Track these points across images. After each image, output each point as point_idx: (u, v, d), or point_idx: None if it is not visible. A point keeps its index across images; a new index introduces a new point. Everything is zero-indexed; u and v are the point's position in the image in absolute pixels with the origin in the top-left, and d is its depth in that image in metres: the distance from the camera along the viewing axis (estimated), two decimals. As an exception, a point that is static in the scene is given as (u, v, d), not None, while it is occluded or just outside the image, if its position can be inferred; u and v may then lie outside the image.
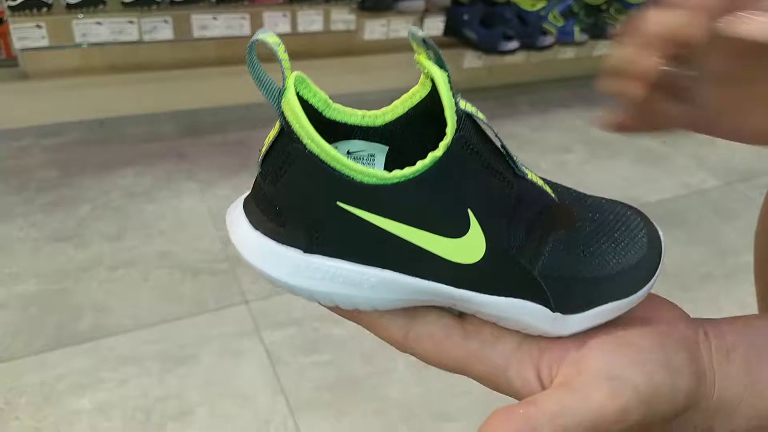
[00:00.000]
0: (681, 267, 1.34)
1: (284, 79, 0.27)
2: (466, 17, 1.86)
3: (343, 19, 1.69)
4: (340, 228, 0.26)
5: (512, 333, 0.29)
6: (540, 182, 0.29)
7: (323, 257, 0.26)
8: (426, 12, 1.77)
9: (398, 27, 1.77)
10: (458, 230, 0.26)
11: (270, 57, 0.29)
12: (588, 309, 0.29)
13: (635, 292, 0.30)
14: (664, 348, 0.28)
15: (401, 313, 0.29)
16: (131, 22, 1.48)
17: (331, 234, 0.26)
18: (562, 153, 1.77)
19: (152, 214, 1.38)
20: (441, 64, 0.27)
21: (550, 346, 0.29)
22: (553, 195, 0.29)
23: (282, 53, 0.26)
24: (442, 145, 0.25)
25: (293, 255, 0.26)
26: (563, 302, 0.29)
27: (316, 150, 0.25)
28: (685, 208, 1.57)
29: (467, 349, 0.29)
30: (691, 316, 0.31)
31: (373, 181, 0.25)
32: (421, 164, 0.25)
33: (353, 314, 0.29)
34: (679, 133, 0.33)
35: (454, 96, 0.26)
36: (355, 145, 0.29)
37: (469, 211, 0.26)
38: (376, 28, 1.75)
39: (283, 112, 0.26)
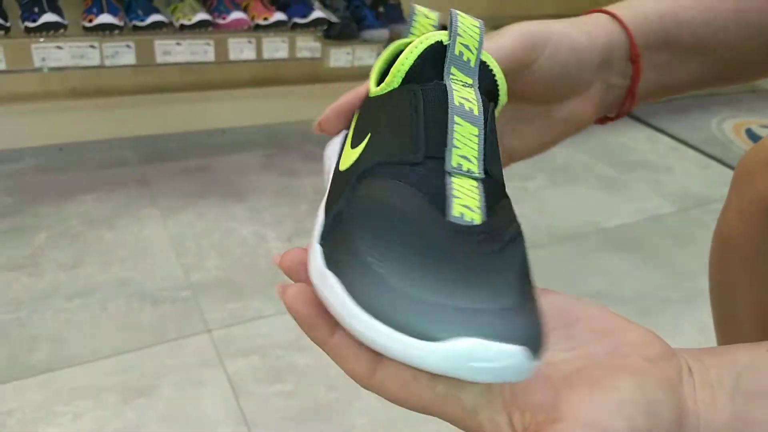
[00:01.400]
0: (639, 291, 1.37)
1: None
2: (429, 47, 1.89)
3: (308, 46, 1.70)
4: None
5: None
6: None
7: None
8: (390, 41, 1.80)
9: (363, 55, 1.79)
10: None
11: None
12: None
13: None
14: (644, 390, 0.26)
15: (368, 349, 0.27)
16: (92, 46, 1.47)
17: None
18: (524, 180, 1.80)
19: (111, 242, 1.35)
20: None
21: (522, 388, 0.27)
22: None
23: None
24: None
25: None
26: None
27: None
28: (642, 233, 1.61)
29: (435, 392, 0.27)
30: None
31: None
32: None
33: (322, 342, 0.27)
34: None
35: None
36: None
37: None
38: (341, 56, 1.77)
39: None
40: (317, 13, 1.63)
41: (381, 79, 0.33)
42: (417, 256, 0.23)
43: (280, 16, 1.58)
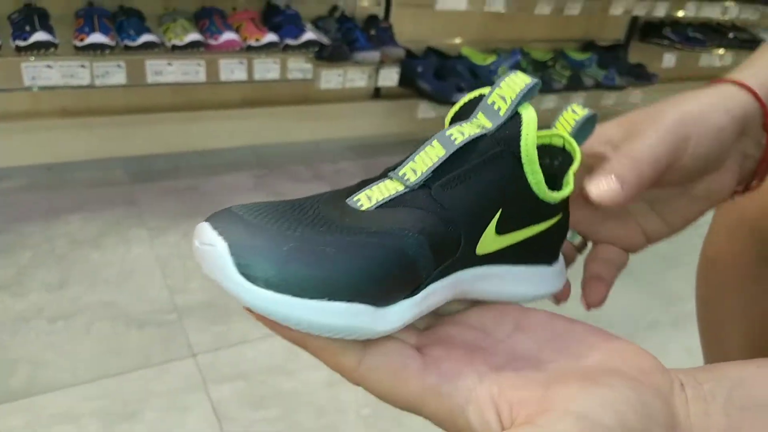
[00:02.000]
0: (628, 315, 1.37)
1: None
2: (420, 69, 1.91)
3: (299, 68, 1.71)
4: None
5: (472, 368, 0.28)
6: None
7: None
8: (381, 63, 1.81)
9: (354, 77, 1.80)
10: None
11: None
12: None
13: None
14: (638, 392, 0.26)
15: (356, 341, 0.27)
16: (83, 66, 1.47)
17: None
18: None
19: (97, 262, 1.33)
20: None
21: (513, 383, 0.27)
22: None
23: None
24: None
25: None
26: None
27: None
28: (631, 256, 1.62)
29: (424, 384, 0.27)
30: None
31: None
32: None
33: (302, 339, 0.27)
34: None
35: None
36: None
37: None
38: (332, 78, 1.78)
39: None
40: (309, 35, 1.64)
41: None
42: (277, 215, 0.26)
43: (272, 37, 1.59)
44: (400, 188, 0.28)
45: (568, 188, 0.32)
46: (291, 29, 1.64)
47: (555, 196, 0.32)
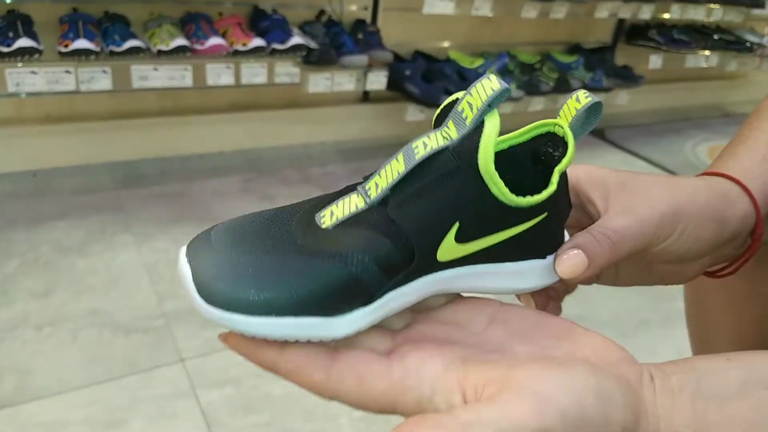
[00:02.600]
0: (617, 314, 1.37)
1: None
2: (408, 73, 1.91)
3: (287, 72, 1.70)
4: None
5: (436, 358, 0.28)
6: None
7: None
8: (369, 67, 1.81)
9: (342, 80, 1.80)
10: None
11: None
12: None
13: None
14: (598, 378, 0.27)
15: (324, 353, 0.28)
16: (68, 71, 1.45)
17: None
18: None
19: (84, 269, 1.32)
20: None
21: (477, 368, 0.27)
22: None
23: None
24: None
25: None
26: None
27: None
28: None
29: (391, 380, 0.27)
30: None
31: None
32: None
33: (272, 365, 0.29)
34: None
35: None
36: None
37: None
38: (320, 82, 1.77)
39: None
40: (296, 39, 1.64)
41: None
42: (242, 234, 0.30)
43: (258, 42, 1.59)
44: (361, 205, 0.30)
45: (547, 190, 0.32)
46: (278, 34, 1.64)
47: (529, 201, 0.31)
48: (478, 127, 0.29)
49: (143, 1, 1.62)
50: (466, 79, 1.98)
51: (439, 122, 0.31)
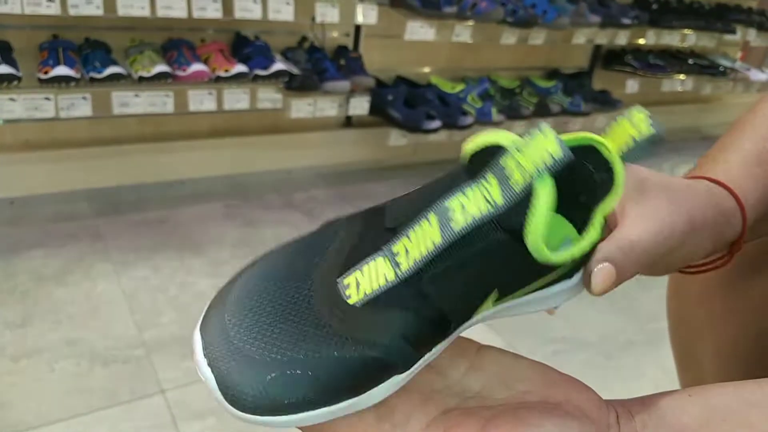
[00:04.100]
0: (602, 335, 1.37)
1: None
2: (390, 98, 1.93)
3: (270, 98, 1.71)
4: None
5: (420, 414, 0.29)
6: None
7: None
8: (352, 92, 1.83)
9: (324, 106, 1.81)
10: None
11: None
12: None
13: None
14: (567, 430, 0.28)
15: None
16: (48, 98, 1.44)
17: None
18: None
19: (61, 299, 1.29)
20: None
21: (458, 422, 0.29)
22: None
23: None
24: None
25: None
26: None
27: None
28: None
29: None
30: (616, 382, 0.33)
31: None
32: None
33: None
34: None
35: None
36: None
37: None
38: (302, 107, 1.78)
39: None
40: (278, 66, 1.64)
41: None
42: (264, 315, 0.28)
43: (241, 68, 1.59)
44: (391, 277, 0.26)
45: (589, 236, 0.29)
46: (260, 60, 1.65)
47: (573, 255, 0.28)
48: (528, 194, 0.25)
49: (125, 28, 1.62)
50: (447, 104, 2.00)
51: (474, 166, 0.27)
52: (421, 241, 0.26)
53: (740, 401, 0.30)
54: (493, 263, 0.27)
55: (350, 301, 0.27)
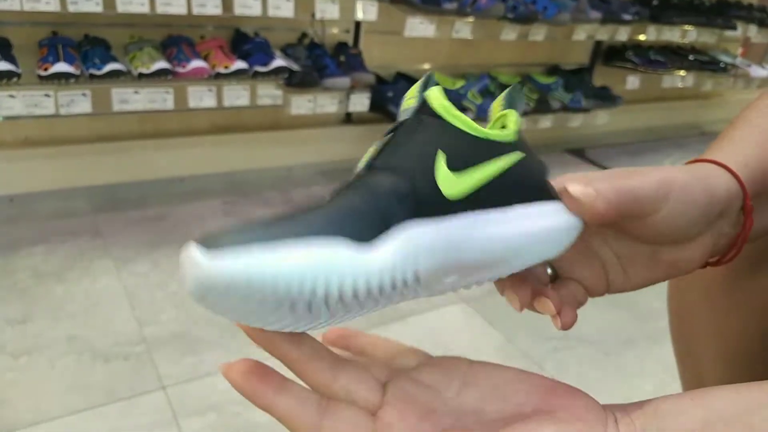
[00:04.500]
0: (603, 332, 1.37)
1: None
2: (390, 94, 1.92)
3: (269, 94, 1.70)
4: None
5: (420, 428, 0.30)
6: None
7: None
8: (352, 89, 1.82)
9: (324, 102, 1.80)
10: None
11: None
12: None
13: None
14: None
15: (315, 404, 0.30)
16: (47, 95, 1.44)
17: None
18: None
19: (62, 295, 1.29)
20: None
21: None
22: None
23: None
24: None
25: None
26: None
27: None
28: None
29: None
30: (616, 379, 0.33)
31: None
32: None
33: (268, 405, 0.30)
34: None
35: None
36: None
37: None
38: (302, 104, 1.78)
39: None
40: (278, 62, 1.64)
41: None
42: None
43: (240, 64, 1.59)
44: (351, 178, 0.32)
45: (508, 128, 0.35)
46: (260, 57, 1.64)
47: (495, 132, 0.33)
48: (423, 99, 0.33)
49: (124, 25, 1.62)
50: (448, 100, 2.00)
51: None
52: (365, 156, 0.33)
53: (742, 405, 0.29)
54: (424, 134, 0.32)
55: (326, 200, 0.29)
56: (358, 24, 1.94)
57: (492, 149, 0.33)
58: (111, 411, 1.02)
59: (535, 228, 0.33)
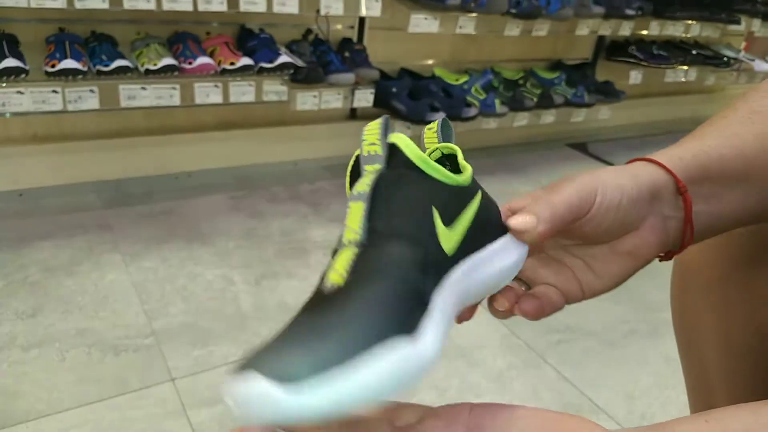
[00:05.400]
0: (606, 325, 1.38)
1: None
2: (394, 90, 1.93)
3: (275, 90, 1.72)
4: None
5: None
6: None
7: None
8: (356, 84, 1.83)
9: (329, 98, 1.82)
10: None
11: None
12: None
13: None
14: None
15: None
16: (55, 91, 1.45)
17: None
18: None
19: (71, 289, 1.31)
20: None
21: None
22: None
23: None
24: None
25: None
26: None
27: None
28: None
29: None
30: (619, 371, 0.33)
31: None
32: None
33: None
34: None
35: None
36: None
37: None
38: (307, 100, 1.79)
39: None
40: (283, 58, 1.65)
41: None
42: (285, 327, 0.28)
43: (246, 61, 1.60)
44: (354, 250, 0.30)
45: (467, 169, 0.37)
46: (266, 53, 1.65)
47: (463, 177, 0.36)
48: (391, 148, 0.34)
49: (130, 22, 1.63)
50: (451, 95, 2.01)
51: (353, 183, 0.35)
52: (354, 217, 0.32)
53: (758, 425, 0.29)
54: (411, 190, 0.33)
55: (341, 283, 0.29)
56: (362, 20, 1.95)
57: (465, 196, 0.36)
58: (121, 402, 1.04)
59: (506, 262, 0.38)
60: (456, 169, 0.39)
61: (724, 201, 0.42)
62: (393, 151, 0.34)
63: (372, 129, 0.35)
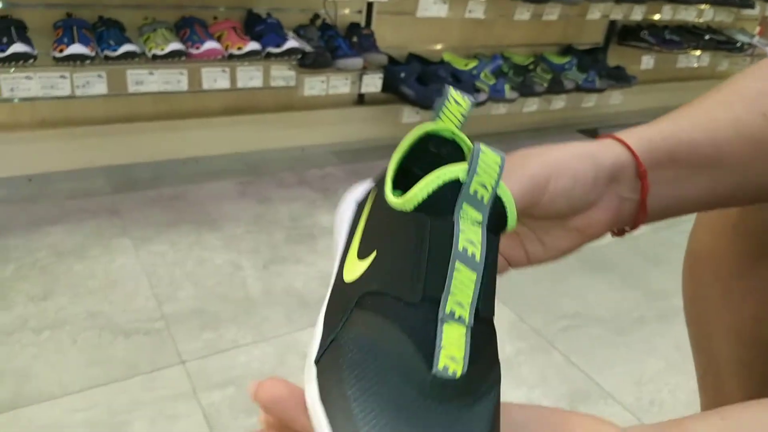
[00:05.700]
0: (615, 311, 1.38)
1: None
2: (402, 75, 1.92)
3: (282, 75, 1.71)
4: None
5: None
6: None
7: None
8: (364, 70, 1.82)
9: (337, 83, 1.81)
10: None
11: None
12: None
13: None
14: None
15: None
16: (63, 76, 1.45)
17: None
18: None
19: (82, 273, 1.32)
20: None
21: None
22: None
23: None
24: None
25: None
26: None
27: None
28: (616, 254, 1.64)
29: None
30: (628, 358, 0.32)
31: None
32: None
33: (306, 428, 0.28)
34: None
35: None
36: None
37: None
38: (315, 85, 1.78)
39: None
40: (291, 43, 1.64)
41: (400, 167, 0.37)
42: (393, 411, 0.25)
43: (254, 45, 1.59)
44: (464, 332, 0.28)
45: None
46: (273, 38, 1.65)
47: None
48: (496, 202, 0.30)
49: (138, 6, 1.62)
50: (460, 81, 2.00)
51: (432, 202, 0.29)
52: (465, 286, 0.28)
53: None
54: (494, 261, 0.30)
55: (458, 375, 0.27)
56: (370, 4, 1.94)
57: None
58: (132, 385, 1.05)
59: None
60: (452, 155, 0.35)
61: (689, 185, 0.42)
62: (496, 206, 0.29)
63: (489, 165, 0.29)
